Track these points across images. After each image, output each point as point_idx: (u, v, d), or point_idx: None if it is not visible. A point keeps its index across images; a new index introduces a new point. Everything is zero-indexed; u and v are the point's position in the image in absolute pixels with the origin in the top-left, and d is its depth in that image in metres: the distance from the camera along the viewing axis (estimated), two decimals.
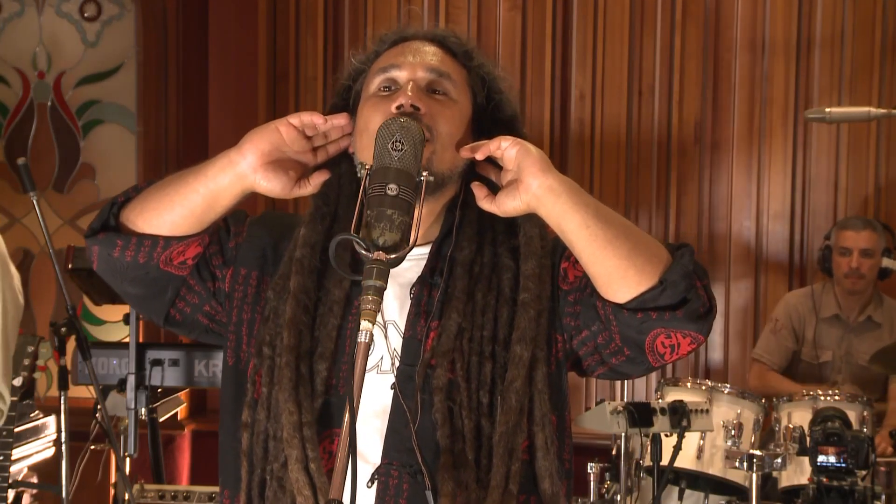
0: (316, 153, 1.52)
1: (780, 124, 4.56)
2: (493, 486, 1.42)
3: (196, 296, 1.58)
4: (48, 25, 4.58)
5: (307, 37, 4.78)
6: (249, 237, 1.60)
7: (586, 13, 4.64)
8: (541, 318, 1.49)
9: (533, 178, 1.41)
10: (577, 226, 1.41)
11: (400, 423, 1.45)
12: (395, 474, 1.43)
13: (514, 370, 1.45)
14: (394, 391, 1.47)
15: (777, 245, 4.59)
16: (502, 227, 1.55)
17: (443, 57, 1.56)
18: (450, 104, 1.52)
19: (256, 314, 1.54)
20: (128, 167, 4.56)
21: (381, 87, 1.53)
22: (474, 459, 1.43)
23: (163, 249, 1.51)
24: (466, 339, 1.47)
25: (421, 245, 1.52)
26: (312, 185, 1.51)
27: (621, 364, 1.50)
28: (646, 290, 1.40)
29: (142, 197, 1.54)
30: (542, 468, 1.47)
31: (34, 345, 2.87)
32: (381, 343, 1.50)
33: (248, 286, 1.56)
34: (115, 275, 1.56)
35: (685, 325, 1.42)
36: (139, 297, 1.59)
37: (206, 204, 1.49)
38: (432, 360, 1.46)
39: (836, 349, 4.09)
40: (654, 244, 1.46)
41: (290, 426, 1.43)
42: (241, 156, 1.47)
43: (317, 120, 1.47)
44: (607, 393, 4.36)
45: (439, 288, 1.50)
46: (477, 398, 1.45)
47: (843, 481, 3.12)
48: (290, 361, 1.46)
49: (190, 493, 3.20)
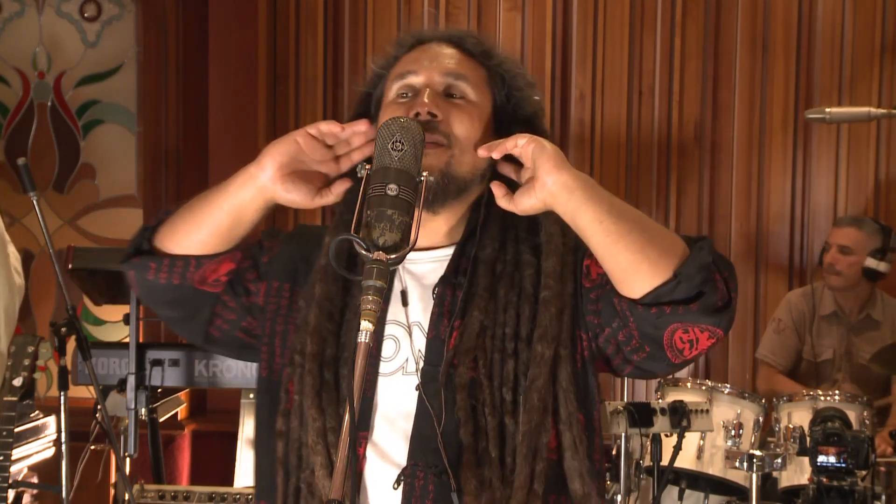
0: (340, 161, 1.51)
1: (780, 124, 4.56)
2: (517, 485, 1.42)
3: (232, 312, 1.59)
4: (48, 25, 4.58)
5: (307, 37, 4.78)
6: (282, 251, 1.62)
7: (586, 13, 4.64)
8: (563, 315, 1.49)
9: (547, 174, 1.41)
10: (590, 221, 1.41)
11: (425, 424, 1.45)
12: (421, 475, 1.43)
13: (535, 369, 1.45)
14: (418, 392, 1.47)
15: (777, 245, 4.59)
16: (525, 225, 1.55)
17: (460, 59, 1.56)
18: (467, 107, 1.52)
19: (290, 325, 1.56)
20: (128, 167, 4.55)
21: (399, 93, 1.54)
22: (499, 458, 1.43)
23: (195, 269, 1.53)
24: (488, 336, 1.47)
25: (446, 246, 1.54)
26: (334, 194, 1.51)
27: (643, 361, 1.49)
28: (660, 285, 1.40)
29: (171, 219, 1.56)
30: (571, 468, 1.46)
31: (34, 345, 2.86)
32: (405, 345, 1.50)
33: (280, 298, 1.58)
34: (152, 298, 1.59)
35: (701, 319, 1.41)
36: (178, 319, 1.62)
37: (232, 220, 1.51)
38: (454, 358, 1.46)
39: (836, 347, 4.09)
40: (670, 238, 1.45)
41: (314, 433, 1.45)
42: (261, 169, 1.48)
43: (335, 128, 1.48)
44: (607, 393, 4.35)
45: (462, 287, 1.50)
46: (500, 396, 1.45)
47: (843, 481, 3.12)
48: (313, 369, 1.48)
49: (190, 493, 3.20)
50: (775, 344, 4.15)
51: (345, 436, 1.25)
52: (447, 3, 4.68)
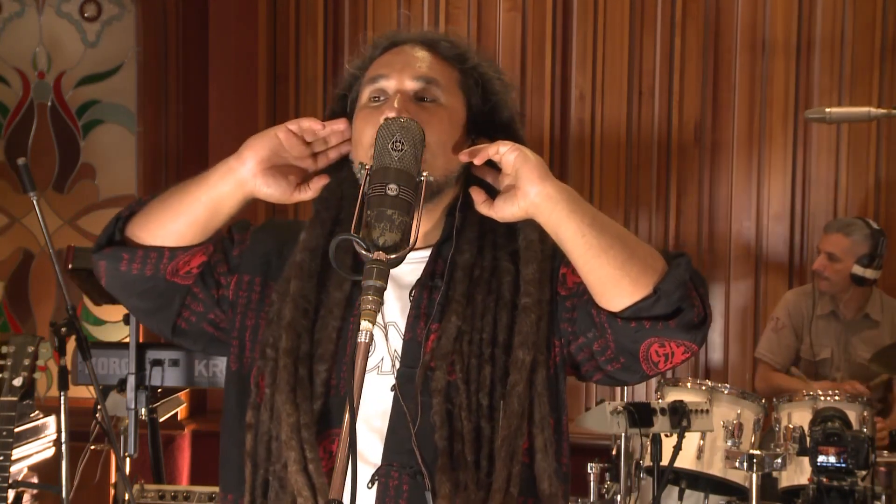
0: (317, 158, 1.53)
1: (780, 124, 4.56)
2: (495, 488, 1.43)
3: (200, 303, 1.59)
4: (48, 25, 4.58)
5: (307, 37, 4.78)
6: (253, 244, 1.62)
7: (586, 13, 4.64)
8: (541, 322, 1.50)
9: (531, 185, 1.41)
10: (572, 234, 1.42)
11: (400, 424, 1.45)
12: (395, 475, 1.44)
13: (516, 374, 1.46)
14: (394, 393, 1.47)
15: (777, 245, 4.59)
16: (503, 231, 1.55)
17: (432, 62, 1.55)
18: (438, 111, 1.52)
19: (260, 320, 1.56)
20: (128, 167, 4.55)
21: (371, 97, 1.54)
22: (474, 461, 1.44)
23: (168, 260, 1.53)
24: (466, 341, 1.48)
25: (422, 248, 1.54)
26: (312, 190, 1.52)
27: (616, 371, 1.51)
28: (640, 300, 1.41)
29: (145, 210, 1.55)
30: (541, 469, 1.48)
31: (34, 345, 2.86)
32: (381, 344, 1.51)
33: (251, 292, 1.58)
34: (123, 289, 1.59)
35: (678, 335, 1.43)
36: (147, 310, 1.62)
37: (209, 212, 1.51)
38: (432, 362, 1.46)
39: (834, 346, 4.09)
40: (651, 253, 1.46)
41: (288, 428, 1.44)
42: (241, 162, 1.48)
43: (315, 126, 1.49)
44: (607, 393, 4.36)
45: (439, 291, 1.50)
46: (476, 400, 1.46)
47: (843, 481, 3.12)
48: (288, 364, 1.48)
49: (190, 493, 3.20)
50: (773, 343, 4.15)
51: (345, 436, 1.25)
52: (447, 3, 4.68)
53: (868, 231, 3.99)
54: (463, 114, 1.56)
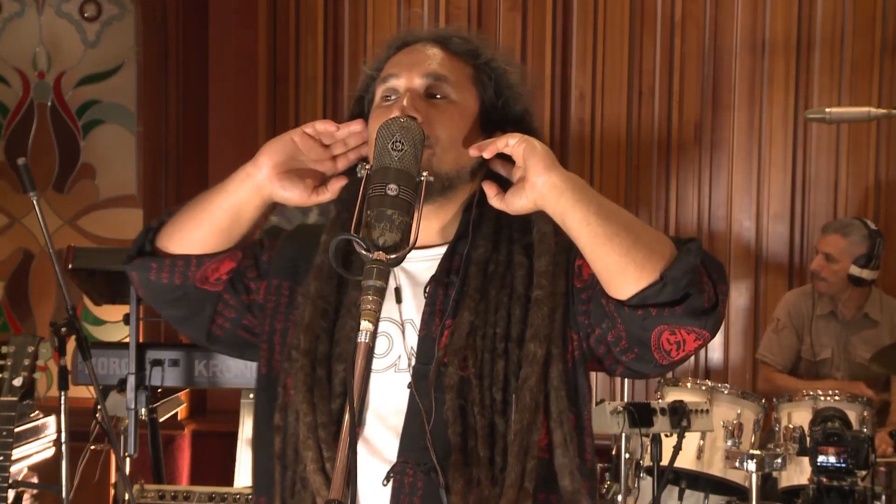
0: (336, 161, 1.54)
1: (780, 124, 4.56)
2: (508, 483, 1.42)
3: (233, 310, 1.61)
4: (48, 25, 4.58)
5: (307, 37, 4.78)
6: (282, 249, 1.64)
7: (586, 13, 4.64)
8: (555, 314, 1.49)
9: (537, 175, 1.41)
10: (578, 222, 1.41)
11: (415, 421, 1.46)
12: (410, 472, 1.44)
13: (528, 367, 1.46)
14: (410, 390, 1.48)
15: (777, 245, 4.59)
16: (518, 225, 1.55)
17: (443, 59, 1.56)
18: (448, 107, 1.52)
19: (289, 323, 1.57)
20: (128, 167, 4.55)
21: (383, 96, 1.55)
22: (488, 457, 1.44)
23: (196, 268, 1.55)
24: (479, 336, 1.48)
25: (439, 245, 1.55)
26: (330, 192, 1.53)
27: (632, 362, 1.49)
28: (646, 287, 1.40)
29: (172, 220, 1.58)
30: (561, 465, 1.46)
31: (34, 345, 2.86)
32: (398, 342, 1.51)
33: (280, 296, 1.59)
34: (156, 299, 1.62)
35: (687, 322, 1.41)
36: (181, 318, 1.64)
37: (231, 218, 1.54)
38: (444, 358, 1.46)
39: (834, 346, 4.09)
40: (658, 239, 1.45)
41: (304, 428, 1.46)
42: (257, 168, 1.50)
43: (331, 128, 1.50)
44: (607, 393, 4.36)
45: (454, 287, 1.51)
46: (490, 396, 1.46)
47: (843, 481, 3.13)
48: (305, 365, 1.49)
49: (190, 493, 3.20)
50: (774, 344, 4.15)
51: (345, 435, 1.25)
52: (447, 3, 4.69)
53: (866, 232, 3.99)
54: (475, 109, 1.56)
